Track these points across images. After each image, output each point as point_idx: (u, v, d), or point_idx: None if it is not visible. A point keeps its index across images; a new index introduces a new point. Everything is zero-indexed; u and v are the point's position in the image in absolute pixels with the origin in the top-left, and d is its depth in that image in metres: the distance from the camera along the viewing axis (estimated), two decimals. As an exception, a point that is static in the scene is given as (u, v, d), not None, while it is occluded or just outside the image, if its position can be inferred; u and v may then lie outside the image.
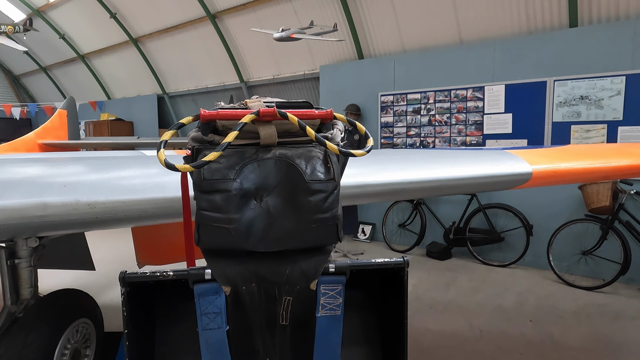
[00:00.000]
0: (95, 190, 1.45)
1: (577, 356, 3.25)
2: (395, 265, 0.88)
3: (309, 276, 0.82)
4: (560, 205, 5.20)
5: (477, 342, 3.50)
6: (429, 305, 4.27)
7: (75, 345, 2.60)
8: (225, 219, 0.76)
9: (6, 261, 2.54)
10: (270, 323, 0.91)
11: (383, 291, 0.99)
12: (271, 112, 0.77)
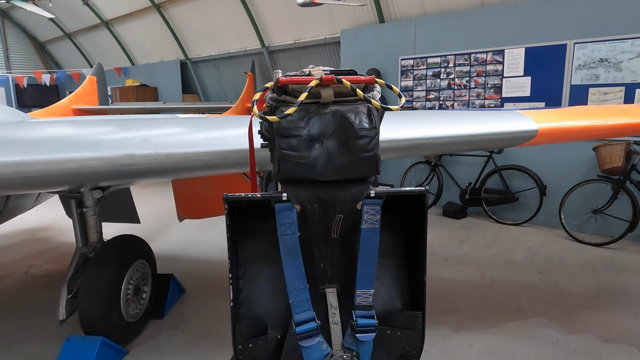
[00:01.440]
0: (171, 144, 1.78)
1: (578, 301, 3.57)
2: (418, 192, 1.18)
3: (356, 199, 1.13)
4: (573, 167, 5.39)
5: (487, 289, 3.84)
6: (444, 258, 4.61)
7: (137, 282, 3.04)
8: (298, 156, 1.07)
9: (76, 210, 2.95)
10: (325, 236, 1.23)
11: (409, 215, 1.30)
12: (330, 78, 1.06)
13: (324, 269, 1.26)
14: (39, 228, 5.85)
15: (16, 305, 3.59)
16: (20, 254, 4.81)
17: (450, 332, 3.10)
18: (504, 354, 2.83)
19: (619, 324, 3.19)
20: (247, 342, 1.20)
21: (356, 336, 1.15)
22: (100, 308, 2.67)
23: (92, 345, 2.55)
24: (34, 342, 2.99)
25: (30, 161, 1.69)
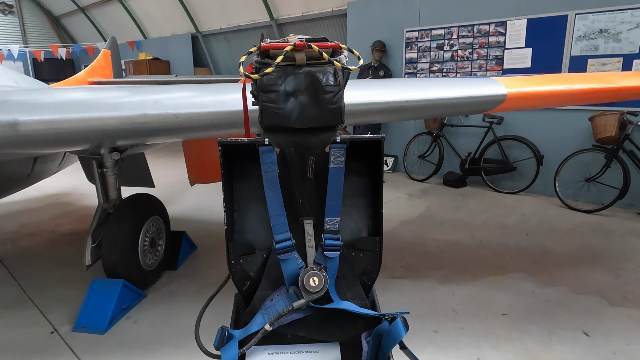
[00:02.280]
0: (179, 106, 2.05)
1: (560, 260, 3.83)
2: (376, 139, 1.44)
3: (324, 143, 1.39)
4: (570, 137, 5.54)
5: (476, 248, 4.12)
6: (439, 222, 4.88)
7: (152, 235, 3.39)
8: (277, 107, 1.33)
9: (97, 170, 3.28)
10: (302, 176, 1.51)
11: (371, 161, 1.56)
12: (302, 44, 1.31)
13: (302, 204, 1.53)
14: (62, 193, 6.26)
15: (46, 257, 3.99)
16: (47, 215, 5.23)
17: (436, 284, 3.40)
18: (481, 301, 3.12)
19: (594, 279, 3.45)
20: (239, 259, 1.50)
21: (324, 254, 1.44)
22: (121, 255, 3.02)
23: (115, 286, 2.92)
24: (64, 287, 3.38)
25: (61, 119, 1.99)
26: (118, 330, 2.81)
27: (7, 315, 2.99)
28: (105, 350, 2.60)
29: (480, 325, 2.83)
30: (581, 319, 2.88)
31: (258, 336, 1.35)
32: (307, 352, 1.50)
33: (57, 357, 2.54)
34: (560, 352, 2.54)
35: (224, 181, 1.46)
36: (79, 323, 2.81)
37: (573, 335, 2.71)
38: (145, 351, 2.58)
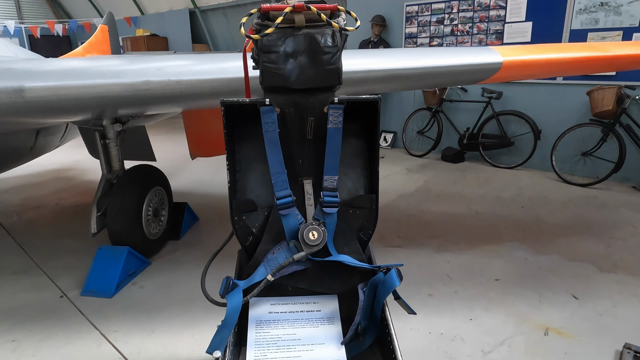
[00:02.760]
0: (180, 73, 2.09)
1: (553, 230, 3.92)
2: (373, 99, 1.49)
3: (323, 103, 1.44)
4: (568, 112, 5.57)
5: (472, 219, 4.21)
6: (436, 195, 4.96)
7: (155, 205, 3.47)
8: (277, 67, 1.38)
9: (100, 141, 3.33)
10: (301, 136, 1.57)
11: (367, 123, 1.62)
12: (301, 6, 1.35)
13: (301, 164, 1.60)
14: (63, 169, 6.33)
15: (52, 228, 4.09)
16: (50, 190, 5.31)
17: (431, 252, 3.50)
18: (475, 268, 3.23)
19: (586, 247, 3.55)
20: (242, 215, 1.57)
21: (323, 210, 1.51)
22: (125, 224, 3.11)
23: (121, 253, 3.01)
24: (71, 256, 3.48)
25: (65, 86, 2.03)
26: (125, 295, 2.91)
27: (17, 281, 3.10)
28: (113, 312, 2.71)
29: (474, 289, 2.94)
30: (571, 284, 2.99)
31: (261, 286, 1.43)
32: (306, 304, 1.59)
33: (67, 318, 2.65)
34: (549, 313, 2.66)
35: (227, 140, 1.52)
36: (87, 287, 2.91)
37: (562, 299, 2.81)
38: (152, 313, 2.69)
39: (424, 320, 2.58)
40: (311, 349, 1.43)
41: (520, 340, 2.41)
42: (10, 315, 2.68)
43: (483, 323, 2.56)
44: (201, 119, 4.28)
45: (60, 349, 2.37)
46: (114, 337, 2.46)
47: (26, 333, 2.50)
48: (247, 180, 1.65)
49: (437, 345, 2.37)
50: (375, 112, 1.52)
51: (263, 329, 1.49)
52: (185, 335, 2.48)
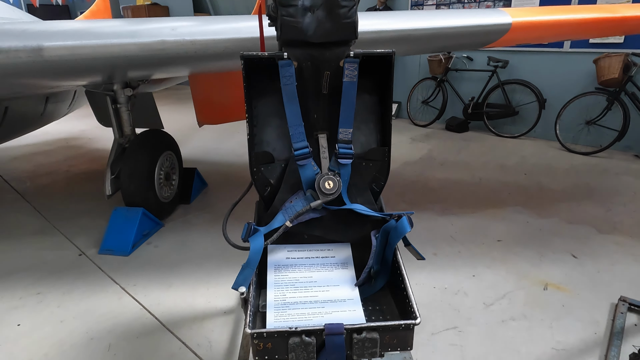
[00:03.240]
0: (195, 33, 2.13)
1: (555, 195, 4.01)
2: (387, 54, 1.55)
3: (339, 57, 1.50)
4: (573, 81, 5.57)
5: (475, 186, 4.29)
6: (440, 163, 5.03)
7: (167, 169, 3.55)
8: (295, 21, 1.42)
9: (111, 106, 3.38)
10: (317, 91, 1.63)
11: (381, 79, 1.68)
12: (319, -40, 1.39)
13: (317, 119, 1.66)
14: (71, 138, 6.39)
15: (65, 193, 4.19)
16: (60, 157, 5.39)
17: (435, 215, 3.60)
18: (478, 230, 3.33)
19: (586, 211, 3.64)
20: (260, 167, 1.65)
21: (338, 161, 1.59)
22: (139, 186, 3.20)
23: (135, 214, 3.12)
24: (86, 218, 3.59)
25: (82, 45, 2.07)
26: (141, 253, 3.03)
27: (36, 241, 3.22)
28: (130, 269, 2.83)
29: (477, 249, 3.05)
30: (570, 244, 3.09)
31: (280, 231, 1.52)
32: (321, 250, 1.69)
33: (87, 274, 2.77)
34: (548, 270, 2.77)
35: (246, 94, 1.58)
36: (104, 246, 3.03)
37: (562, 257, 2.92)
38: (168, 270, 2.81)
39: (429, 277, 2.70)
40: (327, 290, 1.54)
41: (521, 294, 2.53)
42: (33, 271, 2.80)
43: (485, 279, 2.68)
44: (209, 86, 4.31)
45: (83, 301, 2.50)
46: (133, 291, 2.59)
47: (50, 287, 2.63)
48: (264, 135, 1.71)
49: (441, 298, 2.49)
50: (390, 66, 1.57)
51: (281, 272, 1.59)
52: (201, 289, 2.60)
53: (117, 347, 2.12)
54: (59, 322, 2.31)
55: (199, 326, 2.27)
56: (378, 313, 1.49)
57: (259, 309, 1.48)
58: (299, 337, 1.24)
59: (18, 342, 2.16)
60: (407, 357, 1.82)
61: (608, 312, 2.36)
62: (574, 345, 2.12)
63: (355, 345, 1.26)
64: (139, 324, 2.30)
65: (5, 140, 3.97)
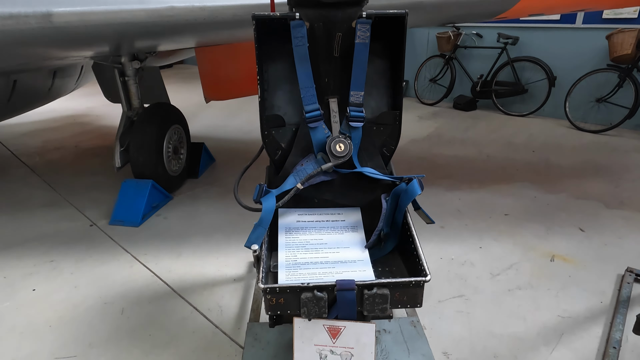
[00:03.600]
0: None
1: (563, 172, 3.99)
2: (400, 14, 1.53)
3: (351, 17, 1.48)
4: (584, 58, 5.48)
5: (483, 162, 4.28)
6: (448, 141, 5.00)
7: (175, 143, 3.56)
8: (308, -16, 1.42)
9: (119, 79, 3.38)
10: (329, 54, 1.62)
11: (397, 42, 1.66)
12: None
13: (328, 82, 1.66)
14: (78, 115, 6.40)
15: (74, 168, 4.22)
16: (68, 133, 5.41)
17: (443, 191, 3.60)
18: (486, 204, 3.33)
19: (594, 187, 3.63)
20: (271, 130, 1.66)
21: (349, 124, 1.59)
22: (148, 158, 3.22)
23: (145, 185, 3.14)
24: (95, 191, 3.63)
25: (91, 11, 2.06)
26: (150, 224, 3.07)
27: (48, 213, 3.26)
28: (141, 239, 2.87)
29: (483, 222, 3.06)
30: (578, 219, 3.09)
31: (291, 193, 1.54)
32: (332, 214, 1.70)
33: (99, 244, 2.82)
34: (555, 243, 2.78)
35: (257, 55, 1.57)
36: (115, 217, 3.07)
37: (569, 231, 2.93)
38: (177, 240, 2.85)
39: (436, 248, 2.72)
40: (337, 251, 1.56)
41: (527, 265, 2.55)
42: (46, 241, 2.85)
43: (492, 251, 2.70)
44: (216, 61, 4.29)
45: (96, 269, 2.54)
46: (144, 259, 2.64)
47: (63, 255, 2.68)
48: (275, 99, 1.71)
49: (448, 268, 2.52)
50: (402, 28, 1.55)
51: (292, 234, 1.61)
52: (210, 259, 2.64)
53: (130, 311, 2.17)
54: (73, 288, 2.36)
55: (209, 292, 2.31)
56: (387, 274, 1.51)
57: (271, 270, 1.50)
58: (311, 292, 1.26)
59: (34, 305, 2.22)
60: (415, 321, 1.86)
61: (614, 282, 2.37)
62: (580, 313, 2.14)
63: (366, 301, 1.28)
64: (150, 290, 2.35)
65: (14, 115, 3.99)
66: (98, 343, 1.95)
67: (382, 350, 1.71)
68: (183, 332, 2.02)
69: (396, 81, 1.69)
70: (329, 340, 1.37)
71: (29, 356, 1.88)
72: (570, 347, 1.92)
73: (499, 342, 1.95)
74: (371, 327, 1.34)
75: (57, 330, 2.03)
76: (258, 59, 1.58)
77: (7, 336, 2.00)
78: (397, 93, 1.68)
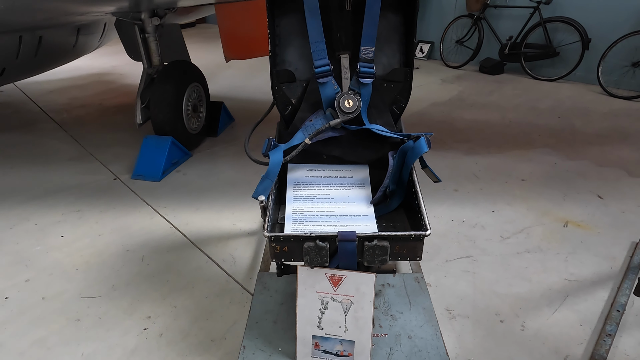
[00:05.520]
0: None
1: (587, 139, 3.87)
2: (413, -28, 1.49)
3: (363, -30, 1.47)
4: (622, 19, 5.16)
5: (505, 127, 4.18)
6: (470, 104, 4.89)
7: (194, 101, 3.61)
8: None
9: (139, 36, 3.40)
10: (340, 8, 1.60)
11: None
12: None
13: (339, 37, 1.65)
14: (103, 73, 6.51)
15: (99, 124, 4.35)
16: (93, 91, 5.54)
17: (461, 154, 3.57)
18: (503, 169, 3.29)
19: (619, 155, 3.52)
20: (281, 85, 1.67)
21: (359, 80, 1.59)
22: (168, 114, 3.29)
23: (165, 142, 3.23)
24: (119, 146, 3.75)
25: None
26: (170, 180, 3.18)
27: (74, 165, 3.41)
28: (161, 193, 2.99)
29: (499, 187, 3.04)
30: (598, 185, 3.03)
31: (299, 147, 1.57)
32: (340, 170, 1.73)
33: (121, 196, 2.95)
34: (571, 209, 2.75)
35: (268, 9, 1.57)
36: (137, 172, 3.19)
37: (586, 198, 2.88)
38: (195, 195, 2.95)
39: (447, 210, 2.74)
40: (343, 206, 1.60)
41: (539, 229, 2.54)
42: (72, 191, 3.00)
43: (504, 215, 2.69)
44: (236, 20, 4.25)
45: (119, 219, 2.68)
46: (164, 212, 2.75)
47: (88, 205, 2.83)
48: (286, 54, 1.71)
49: (459, 230, 2.54)
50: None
51: (300, 188, 1.65)
52: (226, 213, 2.73)
53: (149, 258, 2.30)
54: (97, 236, 2.50)
55: (224, 244, 2.41)
56: (391, 229, 1.55)
57: (278, 221, 1.56)
58: (314, 241, 1.31)
59: (62, 250, 2.37)
60: (419, 277, 1.91)
61: (627, 249, 2.35)
62: (587, 277, 2.15)
63: (366, 252, 1.33)
64: (169, 240, 2.47)
65: (41, 71, 4.10)
66: (120, 286, 2.09)
67: (385, 302, 1.78)
68: (198, 279, 2.14)
69: (408, 36, 1.66)
70: (330, 288, 1.44)
71: (58, 294, 2.04)
72: (573, 308, 1.94)
73: (501, 301, 1.99)
74: (371, 277, 1.39)
75: (83, 273, 2.18)
76: (269, 13, 1.58)
77: (39, 276, 2.16)
78: (409, 50, 1.66)
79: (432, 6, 7.05)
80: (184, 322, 1.87)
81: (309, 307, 1.45)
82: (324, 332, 1.47)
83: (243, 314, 1.90)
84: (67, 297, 2.02)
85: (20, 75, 3.81)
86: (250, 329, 1.62)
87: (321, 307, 1.45)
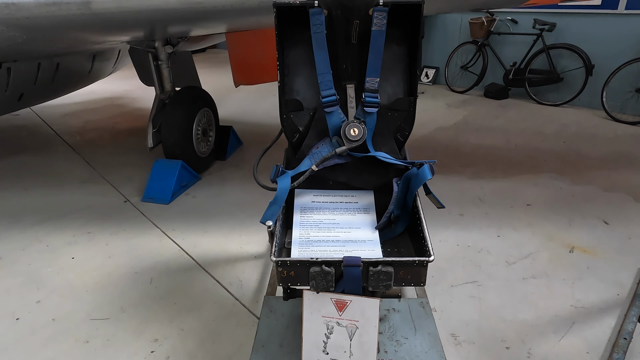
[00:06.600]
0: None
1: (593, 163, 3.89)
2: (416, 2, 1.56)
3: (368, 5, 1.53)
4: (626, 45, 5.24)
5: (509, 151, 4.22)
6: (475, 129, 4.94)
7: (204, 126, 3.71)
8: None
9: (153, 63, 3.53)
10: (346, 40, 1.67)
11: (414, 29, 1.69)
12: None
13: (345, 68, 1.72)
14: (115, 97, 6.69)
15: (111, 146, 4.46)
16: (106, 115, 5.68)
17: (465, 179, 3.60)
18: (508, 194, 3.31)
19: (625, 180, 3.53)
20: (289, 114, 1.74)
21: (364, 109, 1.65)
22: (178, 139, 3.38)
23: (175, 165, 3.31)
24: (129, 169, 3.83)
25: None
26: (180, 202, 3.24)
27: (86, 188, 3.49)
28: (170, 215, 3.04)
29: (504, 211, 3.05)
30: (603, 211, 3.04)
31: (306, 174, 1.62)
32: (345, 196, 1.78)
33: (131, 218, 3.01)
34: (577, 234, 2.75)
35: (277, 41, 1.65)
36: (147, 195, 3.25)
37: (593, 223, 2.89)
38: (204, 218, 3.00)
39: (453, 235, 2.75)
40: (348, 231, 1.63)
41: (545, 255, 2.55)
42: (84, 213, 3.07)
43: (510, 239, 2.70)
44: (246, 46, 4.39)
45: (129, 241, 2.73)
46: (172, 235, 2.80)
47: (99, 227, 2.88)
48: (294, 83, 1.79)
49: (464, 254, 2.55)
50: (419, 16, 1.59)
51: (306, 214, 1.70)
52: (234, 236, 2.77)
53: (158, 280, 2.33)
54: (107, 257, 2.55)
55: (231, 267, 2.45)
56: (395, 254, 1.58)
57: (285, 246, 1.60)
58: (320, 266, 1.35)
59: (73, 270, 2.42)
60: (424, 302, 1.92)
61: (634, 276, 2.35)
62: (594, 304, 2.14)
63: (371, 277, 1.36)
64: (177, 263, 2.50)
65: (57, 95, 4.24)
66: (128, 307, 2.12)
67: (390, 327, 1.79)
68: (205, 302, 2.16)
69: (412, 68, 1.73)
70: (335, 313, 1.46)
71: (68, 315, 2.07)
72: (580, 335, 1.93)
73: (507, 327, 1.99)
74: (375, 302, 1.41)
75: (93, 294, 2.22)
76: (278, 45, 1.66)
77: (49, 297, 2.20)
78: (413, 80, 1.72)
79: (437, 32, 7.20)
80: (191, 344, 1.89)
81: (315, 331, 1.47)
82: (329, 357, 1.49)
83: (249, 337, 1.91)
84: (77, 319, 2.05)
85: (37, 100, 3.94)
86: (257, 352, 1.63)
87: (327, 331, 1.47)
